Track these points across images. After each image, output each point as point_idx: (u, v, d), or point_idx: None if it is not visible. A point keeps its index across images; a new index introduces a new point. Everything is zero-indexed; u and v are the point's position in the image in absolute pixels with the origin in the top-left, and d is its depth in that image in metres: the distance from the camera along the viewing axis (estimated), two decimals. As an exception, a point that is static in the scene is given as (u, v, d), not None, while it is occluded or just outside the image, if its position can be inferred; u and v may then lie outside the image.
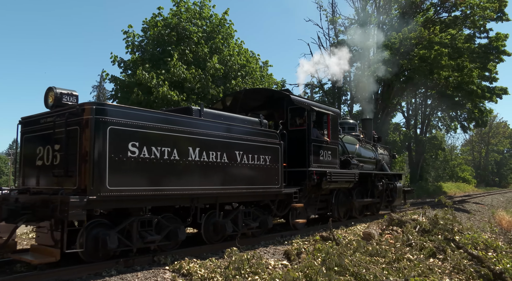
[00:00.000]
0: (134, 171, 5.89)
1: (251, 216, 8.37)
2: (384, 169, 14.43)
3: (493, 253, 7.69)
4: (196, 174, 6.77)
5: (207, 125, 7.08)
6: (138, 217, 6.23)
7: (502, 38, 27.64)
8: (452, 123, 37.86)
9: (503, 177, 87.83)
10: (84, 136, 5.55)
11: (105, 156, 5.55)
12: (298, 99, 9.96)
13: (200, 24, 17.97)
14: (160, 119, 6.35)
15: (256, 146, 7.99)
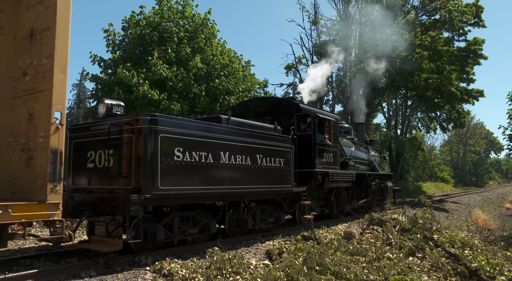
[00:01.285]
0: (179, 173, 6.74)
1: (267, 212, 9.31)
2: (376, 169, 15.52)
3: (469, 251, 7.87)
4: (226, 175, 7.69)
5: (234, 132, 8.01)
6: (178, 213, 7.12)
7: (479, 42, 28.35)
8: (431, 124, 38.58)
9: (480, 177, 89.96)
10: (139, 142, 6.33)
11: (157, 160, 6.38)
12: (305, 107, 11.07)
13: (183, 23, 17.86)
14: (198, 127, 7.24)
15: (273, 150, 8.97)
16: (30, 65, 5.46)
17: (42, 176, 5.04)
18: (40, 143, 5.16)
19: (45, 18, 5.32)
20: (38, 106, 5.26)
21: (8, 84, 5.64)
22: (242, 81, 18.72)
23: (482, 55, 28.83)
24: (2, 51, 5.62)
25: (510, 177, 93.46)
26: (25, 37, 5.58)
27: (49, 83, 5.12)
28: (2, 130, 5.57)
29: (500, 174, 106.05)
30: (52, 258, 6.52)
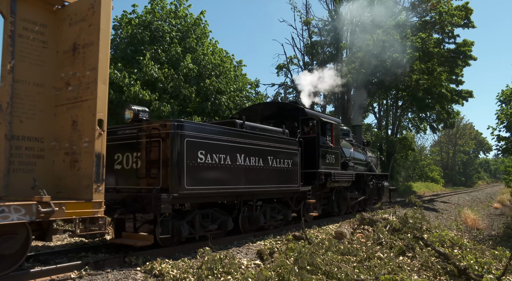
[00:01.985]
0: (202, 174, 7.29)
1: (276, 210, 9.93)
2: (372, 170, 16.10)
3: (458, 250, 7.94)
4: (242, 176, 8.28)
5: (248, 136, 8.62)
6: (199, 211, 7.67)
7: (469, 44, 28.68)
8: (421, 125, 38.89)
9: (469, 177, 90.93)
10: (166, 146, 6.85)
11: (183, 162, 6.92)
12: (310, 111, 11.89)
13: (175, 23, 17.80)
14: (217, 131, 7.77)
15: (282, 152, 9.61)
16: (73, 76, 6.08)
17: (88, 177, 5.62)
18: (85, 147, 5.75)
19: (88, 34, 5.92)
20: (82, 114, 5.87)
21: (51, 93, 6.25)
22: (233, 81, 18.72)
23: (471, 56, 29.17)
24: (45, 63, 6.22)
25: (499, 177, 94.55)
26: (68, 51, 6.20)
27: (93, 93, 5.72)
28: (46, 135, 6.14)
29: (489, 174, 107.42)
30: (41, 259, 6.46)
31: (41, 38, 6.21)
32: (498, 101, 22.13)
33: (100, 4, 5.82)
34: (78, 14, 6.10)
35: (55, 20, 6.34)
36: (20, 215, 4.75)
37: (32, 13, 6.08)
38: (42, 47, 6.22)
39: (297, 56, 36.92)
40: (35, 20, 6.14)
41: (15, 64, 5.81)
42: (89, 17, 5.94)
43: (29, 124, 6.00)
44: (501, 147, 22.08)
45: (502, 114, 21.48)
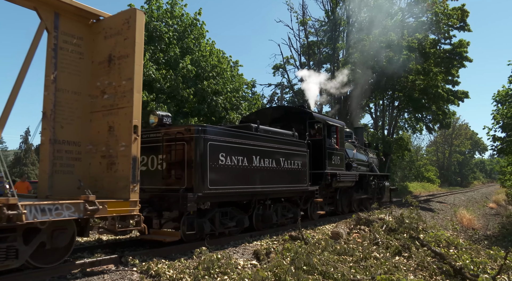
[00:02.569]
0: (222, 175, 7.81)
1: (286, 209, 10.43)
2: (374, 170, 16.73)
3: (454, 250, 7.98)
4: (257, 176, 8.78)
5: (263, 139, 9.13)
6: (219, 209, 8.18)
7: (465, 45, 28.79)
8: (417, 125, 39.02)
9: (465, 177, 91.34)
10: (190, 148, 7.37)
11: (206, 163, 7.45)
12: (317, 115, 12.46)
13: (171, 23, 17.76)
14: (236, 135, 8.37)
15: (293, 153, 10.11)
16: (108, 85, 6.51)
17: (125, 178, 6.06)
18: (122, 151, 6.19)
19: (123, 47, 6.36)
20: (118, 120, 6.29)
21: (86, 101, 6.70)
22: (230, 81, 18.71)
23: (467, 57, 29.30)
24: (81, 73, 6.66)
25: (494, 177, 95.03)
26: (103, 62, 6.65)
27: (129, 101, 6.17)
28: (83, 139, 6.61)
29: (484, 174, 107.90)
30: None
31: (78, 50, 6.67)
32: (494, 101, 22.21)
33: (135, 20, 6.25)
34: (113, 28, 6.55)
35: (90, 33, 6.82)
36: (70, 212, 5.27)
37: (71, 27, 6.56)
38: (79, 58, 6.68)
39: (294, 57, 36.92)
40: (73, 33, 6.61)
41: (57, 74, 6.29)
42: (124, 31, 6.38)
43: (68, 129, 6.44)
44: (497, 147, 22.17)
45: (497, 115, 21.57)
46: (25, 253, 5.16)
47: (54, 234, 5.41)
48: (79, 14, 6.57)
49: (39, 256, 5.39)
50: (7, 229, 4.91)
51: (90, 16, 6.72)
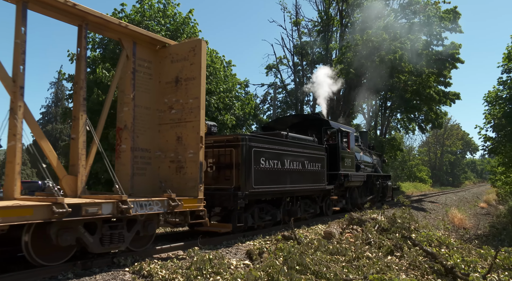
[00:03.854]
0: (263, 176, 9.21)
1: (307, 205, 11.74)
2: (378, 171, 18.33)
3: (445, 249, 8.03)
4: (287, 177, 10.19)
5: (292, 144, 10.60)
6: (257, 205, 9.46)
7: (457, 46, 29.02)
8: (410, 125, 39.25)
9: (456, 177, 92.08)
10: (238, 154, 8.68)
11: (251, 166, 8.84)
12: (333, 122, 14.04)
13: (164, 22, 17.69)
14: (272, 142, 9.77)
15: (314, 157, 11.54)
16: (176, 102, 7.73)
17: (194, 180, 7.31)
18: (190, 157, 7.42)
19: (190, 70, 7.58)
20: (186, 132, 7.52)
21: (155, 114, 7.94)
22: (223, 81, 18.68)
23: (459, 59, 29.52)
24: (150, 90, 7.88)
25: (485, 177, 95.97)
26: (170, 82, 7.86)
27: (196, 117, 7.42)
28: (152, 146, 7.81)
29: (475, 174, 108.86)
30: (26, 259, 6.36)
31: (148, 72, 7.90)
32: (485, 102, 22.42)
33: (200, 48, 7.48)
34: (180, 54, 7.77)
35: (157, 57, 8.05)
36: (158, 207, 6.50)
37: (143, 53, 7.77)
38: (149, 78, 7.91)
39: (287, 57, 36.99)
40: (144, 58, 7.82)
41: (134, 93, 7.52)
42: (190, 58, 7.59)
43: (142, 138, 7.64)
44: (487, 147, 22.38)
45: (489, 115, 21.78)
46: (128, 238, 6.36)
47: (145, 224, 6.63)
48: (150, 42, 7.84)
49: (134, 242, 6.58)
50: (118, 219, 6.18)
51: (158, 43, 7.95)
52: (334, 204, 13.42)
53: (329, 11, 31.53)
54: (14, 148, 5.55)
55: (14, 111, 5.60)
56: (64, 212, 5.16)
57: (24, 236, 5.26)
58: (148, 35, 7.59)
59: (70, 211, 5.23)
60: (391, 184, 20.08)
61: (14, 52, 5.70)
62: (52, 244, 5.44)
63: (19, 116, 5.60)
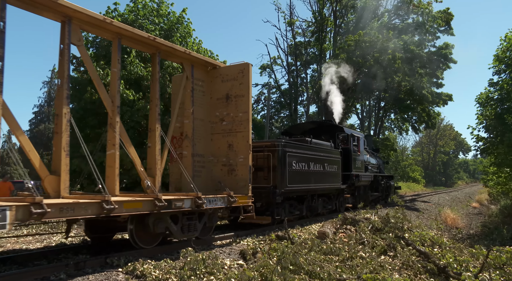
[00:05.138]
0: (294, 176, 10.78)
1: (325, 202, 13.28)
2: (382, 172, 19.95)
3: (438, 249, 8.08)
4: (311, 177, 11.78)
5: (315, 149, 12.28)
6: (288, 201, 10.96)
7: (450, 47, 29.23)
8: (403, 125, 39.46)
9: (449, 177, 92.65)
10: (275, 157, 10.24)
11: (286, 168, 10.42)
12: (346, 128, 15.60)
13: (158, 21, 17.61)
14: (301, 147, 11.42)
15: (331, 159, 13.22)
16: (226, 115, 9.12)
17: (244, 180, 8.69)
18: (241, 161, 8.77)
19: (239, 89, 8.99)
20: (236, 140, 8.90)
21: (208, 125, 9.33)
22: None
23: (452, 59, 29.76)
24: (204, 105, 9.25)
25: (477, 177, 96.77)
26: (221, 98, 9.25)
27: (245, 128, 8.83)
28: (205, 152, 9.17)
29: (468, 174, 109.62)
30: (19, 261, 6.32)
31: (201, 89, 9.25)
32: (477, 103, 22.57)
33: (248, 71, 8.90)
34: (229, 75, 9.14)
35: (208, 77, 9.43)
36: (221, 203, 7.84)
37: (198, 74, 9.11)
38: (202, 95, 9.26)
39: (281, 57, 37.01)
40: (199, 78, 9.17)
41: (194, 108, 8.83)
42: (239, 78, 8.98)
43: (198, 145, 8.92)
44: (479, 147, 22.54)
45: (481, 115, 21.94)
46: (199, 228, 7.68)
47: (210, 217, 8.01)
48: (204, 64, 9.22)
49: (201, 231, 7.84)
50: (192, 212, 7.48)
51: (210, 65, 9.34)
52: (347, 202, 14.87)
53: (323, 11, 31.58)
54: (113, 155, 6.73)
55: (113, 126, 6.81)
56: (162, 205, 6.53)
57: (130, 224, 6.60)
58: (203, 59, 8.94)
59: (166, 204, 6.60)
60: (393, 183, 22.07)
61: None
62: (149, 231, 6.78)
63: (117, 129, 6.79)
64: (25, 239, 9.21)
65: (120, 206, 5.91)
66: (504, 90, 20.27)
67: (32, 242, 8.73)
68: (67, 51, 6.31)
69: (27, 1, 5.75)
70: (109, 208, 5.66)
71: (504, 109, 20.46)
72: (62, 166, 5.98)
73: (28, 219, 4.87)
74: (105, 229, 7.51)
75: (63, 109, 6.11)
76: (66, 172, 6.03)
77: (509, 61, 20.15)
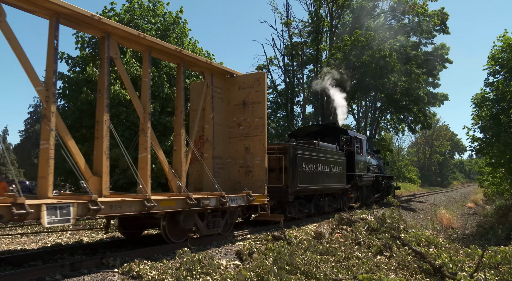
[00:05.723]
0: (304, 177, 11.57)
1: (331, 201, 14.00)
2: (382, 172, 20.73)
3: (434, 249, 8.11)
4: (319, 178, 12.54)
5: (322, 151, 13.09)
6: (297, 200, 11.70)
7: (446, 47, 29.36)
8: (399, 125, 39.58)
9: (445, 177, 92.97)
10: (286, 159, 11.03)
11: (297, 169, 11.22)
12: (350, 131, 16.53)
13: (154, 21, 17.58)
14: (310, 149, 12.25)
15: (337, 161, 13.97)
16: (243, 120, 9.76)
17: (261, 181, 9.39)
18: (257, 163, 9.46)
19: (255, 96, 9.65)
20: (253, 144, 9.55)
21: (226, 130, 9.97)
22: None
23: (448, 59, 29.88)
24: (222, 111, 9.88)
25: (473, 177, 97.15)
26: (238, 104, 9.87)
27: (262, 132, 9.51)
28: (223, 155, 9.81)
29: (463, 174, 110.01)
30: (14, 261, 6.28)
31: (220, 96, 9.84)
32: (473, 104, 22.66)
33: (264, 79, 9.66)
34: (246, 83, 9.79)
35: (226, 84, 10.04)
36: (241, 201, 8.53)
37: (217, 82, 9.69)
38: (221, 101, 9.86)
39: (277, 57, 37.04)
40: (218, 85, 9.74)
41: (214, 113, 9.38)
42: (255, 86, 9.65)
43: (217, 148, 9.50)
44: (475, 148, 22.63)
45: (476, 116, 22.02)
46: (222, 224, 8.48)
47: (231, 214, 8.77)
48: (222, 73, 9.83)
49: (223, 227, 8.55)
50: (216, 210, 8.19)
51: (228, 73, 9.95)
52: (351, 201, 15.66)
53: (319, 12, 31.61)
54: (145, 158, 7.25)
55: (144, 131, 7.30)
56: (193, 203, 7.18)
57: (163, 221, 7.25)
58: (221, 68, 9.61)
59: (195, 203, 7.24)
60: (393, 183, 23.02)
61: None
62: (179, 227, 7.48)
63: (148, 134, 7.29)
64: (20, 239, 9.17)
65: (158, 204, 6.57)
66: (499, 91, 20.36)
67: (27, 242, 8.69)
68: (106, 64, 6.83)
69: (75, 21, 6.35)
70: (149, 206, 6.37)
71: (499, 110, 20.56)
72: (103, 168, 6.54)
73: (86, 215, 5.51)
74: (135, 226, 8.21)
75: (104, 116, 6.75)
76: (107, 174, 6.58)
77: (504, 62, 20.24)
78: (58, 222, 5.09)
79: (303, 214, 12.06)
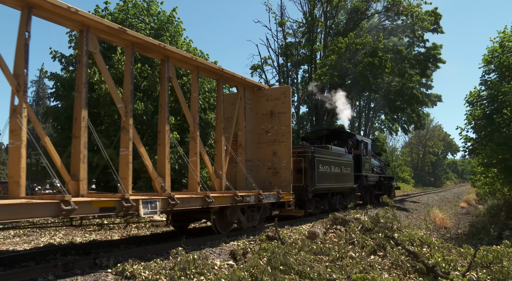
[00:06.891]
0: (320, 177, 13.06)
1: (341, 199, 15.45)
2: (384, 173, 22.41)
3: (427, 249, 8.15)
4: (332, 178, 14.07)
5: (335, 154, 14.63)
6: (315, 198, 13.31)
7: (438, 47, 29.54)
8: (393, 126, 39.75)
9: (438, 177, 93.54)
10: (306, 162, 12.58)
11: (315, 170, 12.76)
12: (357, 135, 18.10)
13: (148, 21, 17.51)
14: (325, 152, 13.74)
15: (347, 163, 15.52)
16: (271, 128, 11.25)
17: (287, 181, 10.85)
18: (284, 165, 10.94)
19: (282, 107, 11.17)
20: (280, 148, 11.05)
21: (255, 136, 11.44)
22: (208, 80, 18.58)
23: (440, 59, 30.06)
24: (252, 120, 11.34)
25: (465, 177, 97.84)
26: (266, 114, 11.38)
27: (287, 139, 11.00)
28: (253, 158, 11.26)
29: (456, 174, 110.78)
30: (6, 262, 6.23)
31: (250, 107, 11.25)
32: (466, 103, 22.77)
33: (289, 92, 11.22)
34: (273, 95, 11.29)
35: (254, 96, 11.51)
36: (272, 198, 9.87)
37: (248, 94, 11.10)
38: (250, 111, 11.29)
39: (272, 57, 37.04)
40: (248, 97, 11.10)
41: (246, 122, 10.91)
42: (281, 98, 11.16)
43: (248, 152, 10.93)
44: (468, 148, 22.76)
45: (470, 115, 22.13)
46: (257, 218, 9.81)
47: (264, 209, 10.06)
48: (252, 86, 11.33)
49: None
50: (253, 205, 9.54)
51: (256, 87, 11.42)
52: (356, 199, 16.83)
53: (313, 12, 31.66)
54: (196, 162, 8.62)
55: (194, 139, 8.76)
56: (239, 200, 8.53)
57: (213, 215, 8.42)
58: (252, 82, 11.15)
59: (241, 199, 8.59)
60: (394, 184, 25.13)
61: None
62: (226, 220, 8.76)
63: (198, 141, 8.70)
64: (12, 240, 9.09)
65: (214, 200, 7.86)
66: (493, 89, 20.46)
67: (19, 243, 8.62)
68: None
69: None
70: (209, 201, 7.69)
71: (493, 109, 20.68)
72: (166, 170, 7.77)
73: (166, 208, 6.88)
74: (184, 220, 9.66)
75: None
76: (168, 175, 7.81)
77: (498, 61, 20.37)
78: (150, 213, 6.43)
79: (319, 210, 13.55)
